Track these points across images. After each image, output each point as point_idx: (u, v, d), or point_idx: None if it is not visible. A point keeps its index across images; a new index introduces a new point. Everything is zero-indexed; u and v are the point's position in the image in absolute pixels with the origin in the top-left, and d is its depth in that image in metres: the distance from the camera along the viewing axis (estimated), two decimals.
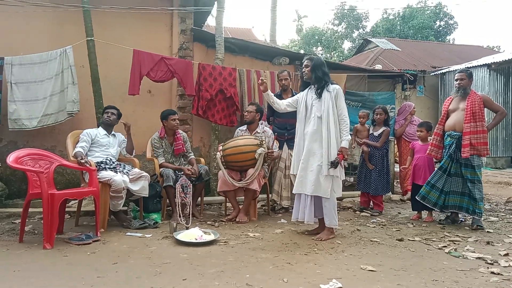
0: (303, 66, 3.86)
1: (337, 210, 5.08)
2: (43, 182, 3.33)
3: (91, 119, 4.99)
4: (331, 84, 3.79)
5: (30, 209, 3.75)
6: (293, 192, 3.87)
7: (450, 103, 4.45)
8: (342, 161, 3.70)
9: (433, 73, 13.39)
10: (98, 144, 4.25)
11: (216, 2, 6.06)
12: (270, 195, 4.91)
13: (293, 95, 4.87)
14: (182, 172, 4.47)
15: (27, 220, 3.68)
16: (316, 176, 3.64)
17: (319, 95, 3.74)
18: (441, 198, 4.35)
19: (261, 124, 4.84)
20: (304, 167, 3.72)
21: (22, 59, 4.94)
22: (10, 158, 3.45)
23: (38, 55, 4.97)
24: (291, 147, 4.84)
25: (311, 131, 3.73)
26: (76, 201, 4.26)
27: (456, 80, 4.39)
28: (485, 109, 4.29)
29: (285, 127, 4.88)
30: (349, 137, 3.71)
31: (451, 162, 4.32)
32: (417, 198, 4.44)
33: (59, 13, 5.26)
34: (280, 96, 5.00)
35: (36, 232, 3.80)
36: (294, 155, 3.90)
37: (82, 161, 3.82)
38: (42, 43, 5.17)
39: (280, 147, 4.87)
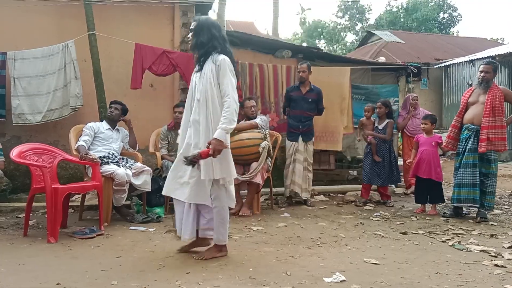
0: (190, 30, 2.93)
1: (340, 204, 5.15)
2: (46, 177, 3.34)
3: (94, 113, 4.99)
4: (219, 54, 2.78)
5: (34, 204, 3.77)
6: (164, 193, 2.98)
7: (470, 95, 4.34)
8: (212, 158, 2.66)
9: (436, 66, 13.30)
10: (101, 138, 4.25)
11: None
12: (280, 188, 4.93)
13: (311, 89, 4.88)
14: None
15: (31, 214, 3.69)
16: (197, 178, 2.77)
17: (200, 68, 2.82)
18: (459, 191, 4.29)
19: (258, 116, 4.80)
20: (180, 165, 2.83)
21: (24, 53, 4.94)
22: (14, 153, 3.46)
23: (40, 50, 4.96)
24: (305, 139, 4.88)
25: (193, 119, 2.82)
26: (80, 195, 4.27)
27: (481, 72, 4.23)
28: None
29: (299, 119, 4.91)
30: (229, 126, 2.67)
31: (468, 153, 4.24)
32: (462, 205, 4.31)
33: (60, 7, 5.23)
34: (297, 88, 4.98)
35: (40, 226, 3.82)
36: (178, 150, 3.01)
37: (90, 157, 3.79)
38: (44, 37, 5.16)
39: (295, 139, 4.91)
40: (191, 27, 2.88)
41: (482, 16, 48.50)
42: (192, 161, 2.67)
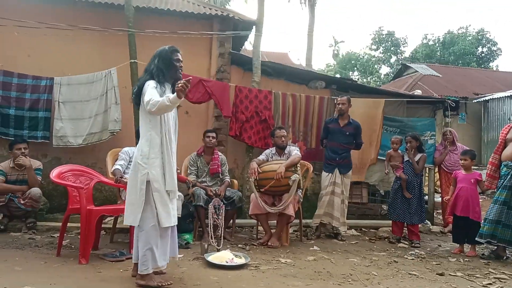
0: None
1: (372, 239, 4.96)
2: (82, 198, 3.44)
3: (131, 138, 5.13)
4: None
5: (68, 224, 3.86)
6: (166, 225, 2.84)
7: (508, 132, 4.24)
8: None
9: (475, 100, 12.90)
10: None
11: (254, 27, 6.20)
12: (310, 220, 4.87)
13: (349, 122, 4.86)
14: (214, 193, 4.49)
15: (65, 234, 3.78)
16: None
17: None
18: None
19: (288, 146, 4.79)
20: None
21: (70, 79, 5.24)
22: (53, 173, 3.60)
23: (84, 76, 5.25)
24: (342, 171, 4.81)
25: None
26: (112, 217, 4.36)
27: None
28: None
29: (336, 151, 4.85)
30: None
31: (501, 190, 4.08)
32: (482, 241, 4.11)
33: (105, 36, 5.53)
34: (336, 120, 4.95)
35: (72, 247, 3.90)
36: None
37: (124, 180, 3.86)
38: (89, 64, 5.45)
39: (331, 171, 4.82)
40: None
41: None
42: None
